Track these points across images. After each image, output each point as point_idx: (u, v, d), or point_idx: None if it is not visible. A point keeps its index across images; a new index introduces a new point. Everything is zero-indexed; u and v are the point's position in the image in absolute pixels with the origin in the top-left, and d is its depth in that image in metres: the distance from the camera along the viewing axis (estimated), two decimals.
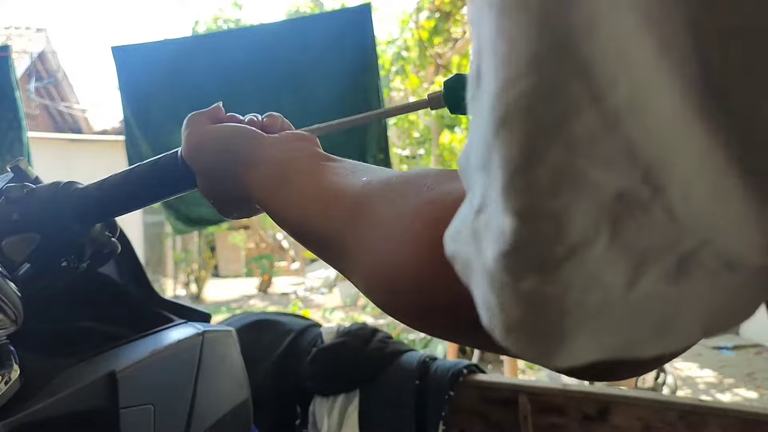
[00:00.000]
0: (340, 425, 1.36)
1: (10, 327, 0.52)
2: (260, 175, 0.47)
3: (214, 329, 0.69)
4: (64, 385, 0.53)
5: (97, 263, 0.61)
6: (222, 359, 0.69)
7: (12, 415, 0.49)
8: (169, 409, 0.60)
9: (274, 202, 0.45)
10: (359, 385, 1.37)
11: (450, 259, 0.24)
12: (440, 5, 4.88)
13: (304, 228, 0.42)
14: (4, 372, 0.50)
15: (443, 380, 1.31)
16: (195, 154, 0.52)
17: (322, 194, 0.41)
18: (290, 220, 0.43)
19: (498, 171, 0.19)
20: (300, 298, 8.69)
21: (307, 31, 2.43)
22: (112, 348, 0.61)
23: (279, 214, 0.45)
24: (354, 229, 0.37)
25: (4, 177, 0.60)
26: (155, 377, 0.60)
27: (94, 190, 0.57)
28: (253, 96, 2.44)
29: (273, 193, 0.45)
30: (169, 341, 0.63)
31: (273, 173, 0.46)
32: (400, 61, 5.65)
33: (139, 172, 0.56)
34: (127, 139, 2.61)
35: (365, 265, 0.35)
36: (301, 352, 1.43)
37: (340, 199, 0.39)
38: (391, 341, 1.46)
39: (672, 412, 1.14)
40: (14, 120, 2.49)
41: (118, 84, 2.56)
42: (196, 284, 9.56)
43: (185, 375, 0.63)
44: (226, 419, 0.68)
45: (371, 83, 2.35)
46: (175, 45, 2.62)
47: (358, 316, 7.25)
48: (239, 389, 0.72)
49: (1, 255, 0.55)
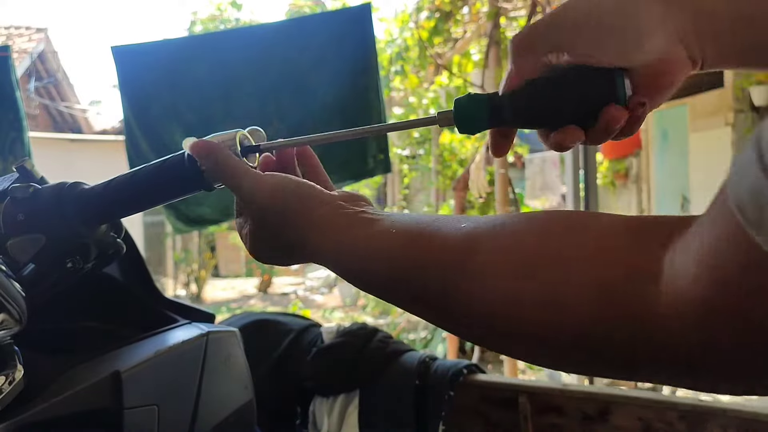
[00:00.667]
0: (340, 425, 1.36)
1: (15, 327, 0.52)
2: (328, 229, 0.47)
3: (219, 330, 0.70)
4: (68, 385, 0.54)
5: (102, 264, 0.61)
6: (226, 360, 0.70)
7: (16, 415, 0.49)
8: (173, 409, 0.61)
9: (344, 255, 0.46)
10: (359, 385, 1.37)
11: (738, 209, 0.24)
12: (440, 5, 4.87)
13: (388, 280, 0.43)
14: (9, 372, 0.51)
15: (443, 380, 1.31)
16: (253, 201, 0.50)
17: (409, 243, 0.42)
18: (368, 270, 0.44)
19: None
20: (300, 298, 8.68)
21: (307, 31, 2.43)
22: (116, 348, 0.61)
23: (351, 267, 0.46)
24: (463, 273, 0.38)
25: (9, 177, 0.60)
26: (159, 377, 0.61)
27: (99, 191, 0.57)
28: (253, 96, 2.44)
29: (342, 245, 0.46)
30: (173, 342, 0.63)
31: (339, 225, 0.47)
32: (399, 61, 5.65)
33: (145, 173, 0.56)
34: (127, 139, 2.61)
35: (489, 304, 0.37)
36: (301, 352, 1.44)
37: (437, 246, 0.40)
38: (391, 341, 1.46)
39: (672, 412, 1.14)
40: (15, 120, 2.49)
41: (118, 84, 2.55)
42: (196, 284, 9.55)
43: (189, 375, 0.64)
44: (230, 420, 0.68)
45: (371, 83, 2.36)
46: (175, 45, 2.62)
47: (358, 316, 7.25)
48: (243, 390, 0.72)
49: (6, 255, 0.55)
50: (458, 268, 0.39)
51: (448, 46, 5.36)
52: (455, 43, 5.27)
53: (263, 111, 2.42)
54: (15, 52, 2.85)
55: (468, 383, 1.32)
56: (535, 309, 0.35)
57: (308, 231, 0.47)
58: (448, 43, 5.31)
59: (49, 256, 0.56)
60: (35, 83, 9.36)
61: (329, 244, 0.46)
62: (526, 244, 0.38)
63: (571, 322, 0.34)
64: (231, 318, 1.63)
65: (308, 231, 0.47)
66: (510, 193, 4.55)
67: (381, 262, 0.43)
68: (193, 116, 2.49)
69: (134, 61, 2.54)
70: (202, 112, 2.49)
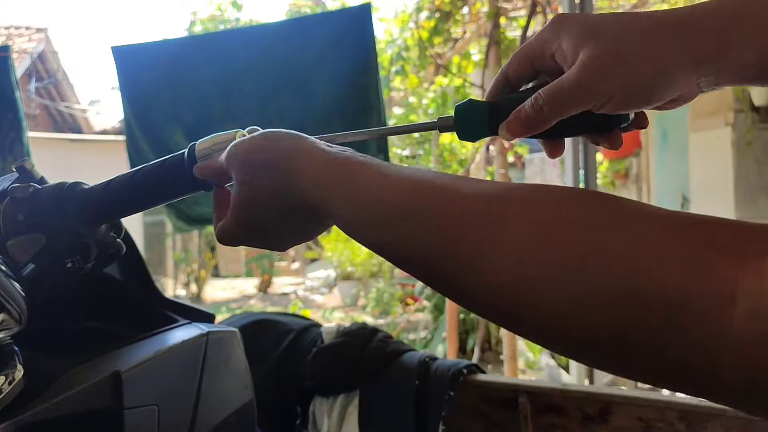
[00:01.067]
0: (340, 425, 1.36)
1: (15, 327, 0.52)
2: (326, 180, 0.44)
3: (219, 330, 0.70)
4: (68, 385, 0.54)
5: (102, 264, 0.61)
6: (226, 360, 0.70)
7: (16, 415, 0.49)
8: (173, 409, 0.61)
9: (348, 205, 0.42)
10: (359, 385, 1.37)
11: None
12: (440, 5, 4.87)
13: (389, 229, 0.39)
14: (8, 372, 0.51)
15: (443, 380, 1.31)
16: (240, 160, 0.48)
17: (420, 187, 0.39)
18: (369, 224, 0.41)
19: None
20: (300, 298, 8.68)
21: (307, 31, 2.43)
22: (116, 348, 0.61)
23: (354, 218, 0.42)
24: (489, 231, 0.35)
25: (9, 177, 0.60)
26: (160, 378, 0.61)
27: (99, 190, 0.57)
28: (253, 96, 2.44)
29: (346, 197, 0.42)
30: (173, 342, 0.63)
31: (338, 175, 0.43)
32: (399, 61, 5.65)
33: (146, 173, 0.56)
34: (127, 139, 2.61)
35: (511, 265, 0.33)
36: (301, 352, 1.44)
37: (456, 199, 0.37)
38: (391, 341, 1.46)
39: (672, 412, 1.14)
40: (15, 120, 2.49)
41: (118, 84, 2.56)
42: (196, 284, 9.56)
43: (189, 375, 0.64)
44: (230, 420, 0.68)
45: (371, 83, 2.35)
46: (175, 45, 2.62)
47: (358, 316, 7.25)
48: (243, 390, 0.72)
49: (6, 255, 0.55)
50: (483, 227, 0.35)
51: (448, 46, 5.36)
52: (455, 43, 5.28)
53: (263, 111, 2.42)
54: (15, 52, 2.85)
55: (468, 383, 1.32)
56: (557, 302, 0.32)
57: (309, 190, 0.44)
58: (448, 43, 5.31)
59: (49, 256, 0.56)
60: (35, 83, 9.37)
61: (340, 198, 0.43)
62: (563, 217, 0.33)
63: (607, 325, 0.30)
64: (231, 318, 1.63)
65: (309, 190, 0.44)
66: None
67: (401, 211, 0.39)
68: (193, 116, 2.49)
69: (134, 61, 2.54)
70: (202, 112, 2.49)
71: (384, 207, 0.40)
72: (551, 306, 0.32)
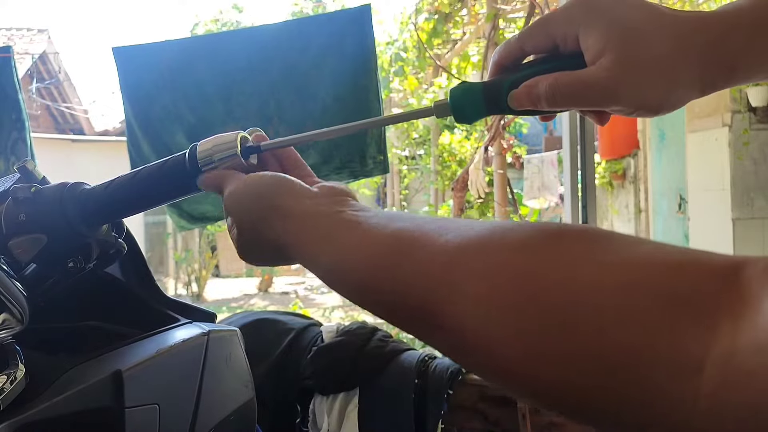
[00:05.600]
0: (339, 424, 1.36)
1: (16, 326, 0.52)
2: (305, 228, 0.45)
3: (220, 329, 0.70)
4: (70, 385, 0.54)
5: (103, 264, 0.61)
6: (227, 359, 0.70)
7: (17, 414, 0.49)
8: (174, 408, 0.61)
9: (323, 257, 0.43)
10: (359, 384, 1.38)
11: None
12: (439, 7, 4.88)
13: (366, 283, 0.40)
14: (10, 371, 0.51)
15: (442, 379, 1.31)
16: (232, 202, 0.50)
17: (392, 244, 0.38)
18: (346, 275, 0.41)
19: None
20: (300, 298, 8.68)
21: (307, 33, 2.43)
22: (117, 347, 0.61)
23: (329, 269, 0.43)
24: (450, 285, 0.34)
25: (11, 177, 0.60)
26: (161, 377, 0.61)
27: (101, 191, 0.58)
28: (254, 97, 2.44)
29: (320, 246, 0.43)
30: (174, 341, 0.64)
31: (317, 226, 0.44)
32: (399, 63, 5.65)
33: (147, 173, 0.57)
34: (128, 140, 2.61)
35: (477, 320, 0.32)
36: (302, 351, 1.44)
37: (420, 251, 0.36)
38: (390, 340, 1.46)
39: None
40: (17, 121, 2.49)
41: (120, 85, 2.56)
42: (197, 284, 9.57)
43: (190, 374, 0.64)
44: (231, 419, 0.68)
45: (370, 84, 2.36)
46: (176, 46, 2.63)
47: (358, 315, 7.25)
48: (244, 389, 0.73)
49: (8, 255, 0.55)
50: (439, 287, 0.34)
51: (447, 47, 5.37)
52: (454, 44, 5.28)
53: (264, 112, 2.43)
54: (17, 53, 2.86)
55: (467, 382, 1.32)
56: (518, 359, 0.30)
57: (287, 230, 0.45)
58: (447, 44, 5.32)
59: (50, 255, 0.56)
60: (37, 84, 9.38)
61: (310, 248, 0.44)
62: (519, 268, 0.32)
63: (571, 389, 0.29)
64: (232, 317, 1.63)
65: (287, 230, 0.45)
66: (508, 194, 4.56)
67: (360, 272, 0.40)
68: (194, 117, 2.50)
69: (135, 62, 2.54)
70: (203, 113, 2.49)
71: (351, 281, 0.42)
72: (508, 357, 0.31)
